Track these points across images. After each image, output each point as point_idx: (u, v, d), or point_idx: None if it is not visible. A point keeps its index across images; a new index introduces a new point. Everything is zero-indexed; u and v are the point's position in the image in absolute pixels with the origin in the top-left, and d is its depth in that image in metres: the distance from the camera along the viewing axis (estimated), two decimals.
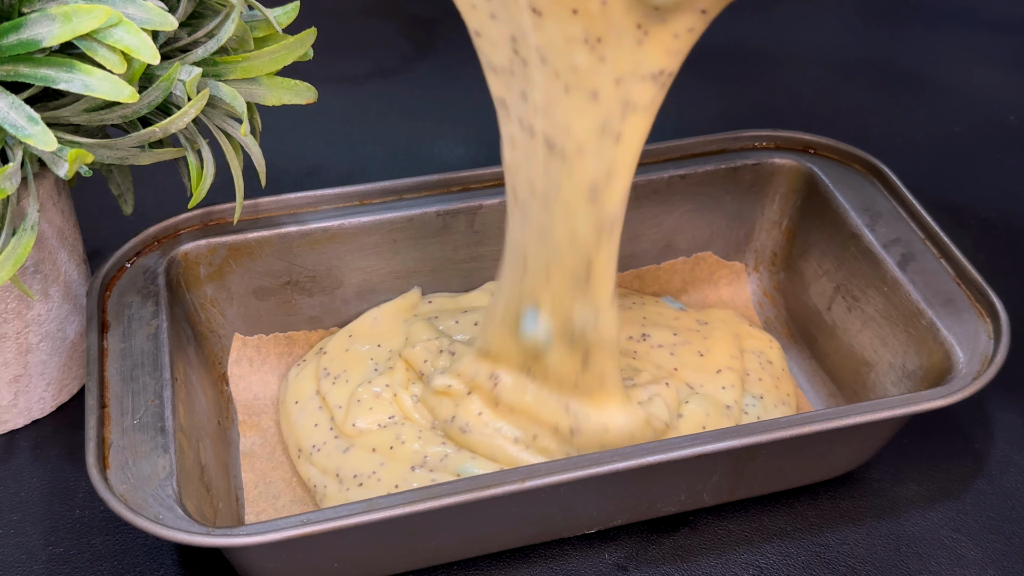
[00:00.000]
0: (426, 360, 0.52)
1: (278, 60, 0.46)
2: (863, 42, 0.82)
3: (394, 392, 0.51)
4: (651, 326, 0.55)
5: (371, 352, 0.53)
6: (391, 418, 0.50)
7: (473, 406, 0.49)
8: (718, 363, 0.53)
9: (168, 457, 0.42)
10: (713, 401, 0.51)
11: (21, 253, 0.42)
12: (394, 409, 0.50)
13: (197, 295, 0.52)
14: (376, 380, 0.51)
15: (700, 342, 0.54)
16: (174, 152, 0.46)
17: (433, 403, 0.50)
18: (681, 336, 0.55)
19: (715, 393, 0.51)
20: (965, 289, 0.50)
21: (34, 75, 0.40)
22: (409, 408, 0.50)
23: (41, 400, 0.51)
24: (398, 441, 0.49)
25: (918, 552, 0.47)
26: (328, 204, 0.53)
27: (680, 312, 0.57)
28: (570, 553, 0.47)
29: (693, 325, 0.56)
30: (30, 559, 0.46)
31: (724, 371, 0.53)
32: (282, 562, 0.42)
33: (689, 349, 0.54)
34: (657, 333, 0.55)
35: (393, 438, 0.49)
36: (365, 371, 0.52)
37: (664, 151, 0.57)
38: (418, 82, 0.76)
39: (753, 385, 0.52)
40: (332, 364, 0.53)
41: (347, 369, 0.52)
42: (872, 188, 0.55)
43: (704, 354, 0.54)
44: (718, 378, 0.52)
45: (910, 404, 0.45)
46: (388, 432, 0.49)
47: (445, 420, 0.49)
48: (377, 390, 0.51)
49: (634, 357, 0.53)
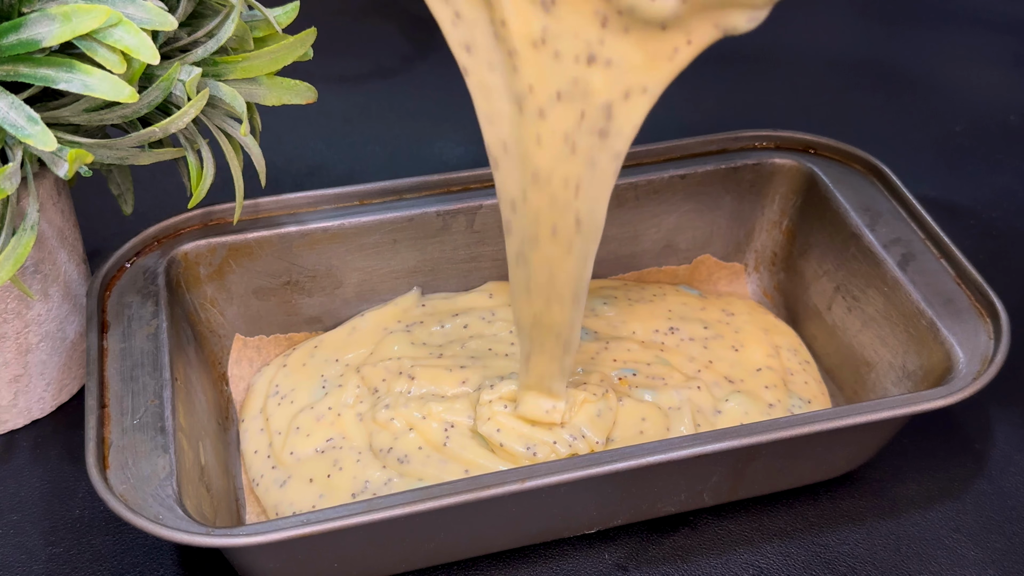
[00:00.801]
0: (384, 379, 0.51)
1: (278, 60, 0.46)
2: (863, 42, 0.82)
3: (338, 412, 0.50)
4: (678, 319, 0.55)
5: (326, 367, 0.52)
6: (329, 441, 0.49)
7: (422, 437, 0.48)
8: (756, 360, 0.53)
9: (168, 457, 0.42)
10: (755, 399, 0.51)
11: (21, 253, 0.42)
12: (334, 431, 0.49)
13: (197, 295, 0.52)
14: (320, 403, 0.51)
15: (732, 335, 0.54)
16: (174, 152, 0.46)
17: (379, 425, 0.49)
18: (712, 329, 0.55)
19: (757, 391, 0.51)
20: (965, 289, 0.50)
21: (34, 75, 0.40)
22: (351, 429, 0.49)
23: (41, 400, 0.51)
24: (335, 468, 0.48)
25: (918, 552, 0.47)
26: (328, 204, 0.53)
27: (704, 301, 0.57)
28: (570, 553, 0.47)
29: (720, 316, 0.56)
30: (30, 559, 0.46)
31: (764, 370, 0.53)
32: (282, 562, 0.42)
33: (722, 343, 0.54)
34: (686, 326, 0.55)
35: (331, 464, 0.48)
36: (312, 391, 0.51)
37: (664, 151, 0.57)
38: (418, 82, 0.76)
39: (800, 388, 0.53)
40: (285, 380, 0.52)
41: (295, 388, 0.52)
42: (872, 188, 0.55)
43: (739, 349, 0.54)
44: (759, 377, 0.52)
45: (910, 404, 0.45)
46: (326, 458, 0.48)
47: (381, 449, 0.48)
48: (319, 414, 0.50)
49: (662, 350, 0.53)
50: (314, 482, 0.47)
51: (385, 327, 0.54)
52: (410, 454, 0.48)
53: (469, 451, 0.48)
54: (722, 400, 0.51)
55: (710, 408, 0.50)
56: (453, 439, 0.48)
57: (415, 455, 0.48)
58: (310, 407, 0.51)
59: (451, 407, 0.49)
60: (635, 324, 0.55)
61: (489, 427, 0.48)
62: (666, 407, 0.50)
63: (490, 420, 0.48)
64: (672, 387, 0.51)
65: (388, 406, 0.49)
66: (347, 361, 0.53)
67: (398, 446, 0.48)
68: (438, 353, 0.53)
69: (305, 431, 0.49)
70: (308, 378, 0.52)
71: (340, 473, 0.47)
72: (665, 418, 0.49)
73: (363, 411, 0.50)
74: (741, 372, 0.52)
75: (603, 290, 0.57)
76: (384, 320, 0.55)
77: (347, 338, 0.54)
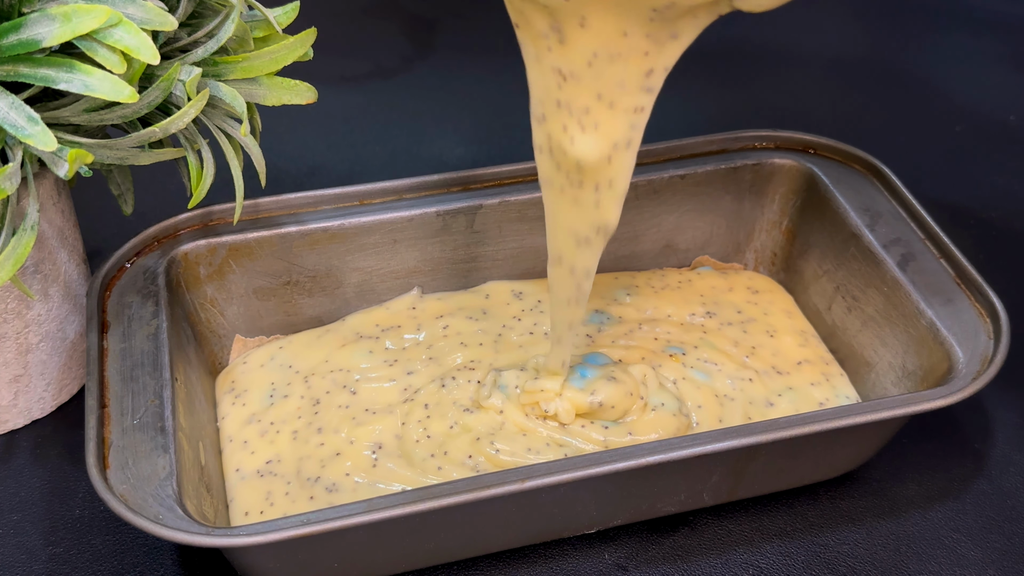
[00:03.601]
0: (328, 391, 0.51)
1: (278, 60, 0.46)
2: (863, 42, 0.82)
3: (277, 429, 0.49)
4: (712, 303, 0.56)
5: (277, 374, 0.52)
6: (268, 463, 0.48)
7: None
8: (791, 350, 0.54)
9: (168, 457, 0.42)
10: (805, 398, 0.51)
11: (21, 253, 0.42)
12: (272, 451, 0.48)
13: (197, 295, 0.52)
14: (266, 414, 0.50)
15: (763, 318, 0.56)
16: (174, 152, 0.46)
17: (308, 449, 0.48)
18: (745, 313, 0.56)
19: (804, 387, 0.52)
20: (965, 289, 0.50)
21: (34, 75, 0.40)
22: (285, 450, 0.48)
23: (41, 400, 0.51)
24: (267, 503, 0.46)
25: (918, 552, 0.47)
26: (328, 204, 0.53)
27: (728, 279, 0.58)
28: (570, 553, 0.47)
29: (749, 297, 0.57)
30: (30, 559, 0.46)
31: (804, 364, 0.53)
32: (282, 562, 0.42)
33: (757, 327, 0.55)
34: (721, 311, 0.56)
35: (263, 499, 0.47)
36: (262, 398, 0.51)
37: (664, 151, 0.57)
38: (418, 82, 0.76)
39: (842, 385, 0.53)
40: (242, 379, 0.52)
41: (248, 390, 0.51)
42: (872, 188, 0.55)
43: (773, 334, 0.55)
44: (802, 372, 0.53)
45: (910, 404, 0.45)
46: (262, 487, 0.47)
47: (309, 478, 0.47)
48: (263, 428, 0.49)
49: (704, 333, 0.54)
50: (249, 516, 0.46)
51: (359, 332, 0.54)
52: (338, 482, 0.47)
53: (398, 473, 0.47)
54: (775, 394, 0.51)
55: (762, 400, 0.51)
56: (381, 460, 0.48)
57: (343, 483, 0.47)
58: (257, 418, 0.50)
59: (377, 427, 0.49)
60: (668, 308, 0.56)
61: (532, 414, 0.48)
62: (722, 394, 0.51)
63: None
64: (726, 374, 0.52)
65: (320, 429, 0.49)
66: (298, 368, 0.52)
67: (325, 474, 0.47)
68: (394, 360, 0.52)
69: (251, 447, 0.49)
70: (260, 384, 0.51)
71: (271, 509, 0.46)
72: (720, 407, 0.50)
73: (299, 428, 0.49)
74: (785, 363, 0.53)
75: (619, 280, 0.57)
76: (362, 324, 0.54)
77: (314, 340, 0.53)
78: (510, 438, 0.48)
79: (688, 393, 0.50)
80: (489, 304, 0.55)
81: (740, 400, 0.51)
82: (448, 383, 0.50)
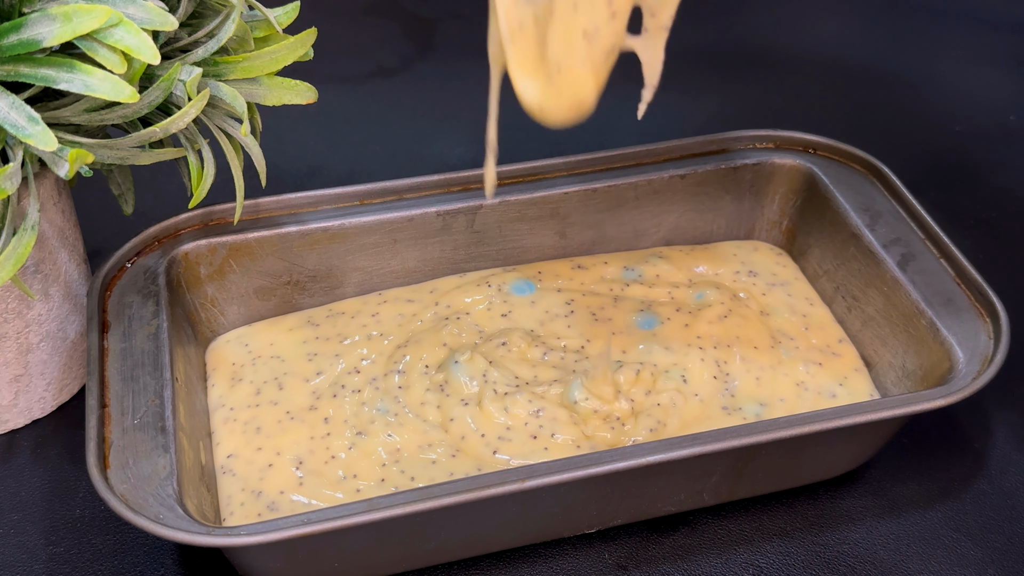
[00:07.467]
0: (266, 381, 0.50)
1: (278, 60, 0.46)
2: (863, 42, 0.82)
3: (234, 418, 0.49)
4: (750, 263, 0.57)
5: (266, 367, 0.51)
6: (229, 457, 0.48)
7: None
8: (833, 330, 0.54)
9: (168, 457, 0.42)
10: (858, 392, 0.51)
11: (21, 253, 0.42)
12: (228, 446, 0.48)
13: (197, 295, 0.52)
14: (228, 400, 0.50)
15: (796, 283, 0.56)
16: (174, 152, 0.46)
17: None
18: (779, 276, 0.56)
19: (856, 380, 0.52)
20: (965, 289, 0.50)
21: (34, 75, 0.40)
22: (232, 442, 0.48)
23: (41, 400, 0.51)
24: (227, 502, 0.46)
25: (918, 552, 0.47)
26: (328, 204, 0.53)
27: (752, 245, 0.59)
28: (570, 553, 0.47)
29: (777, 259, 0.58)
30: (30, 559, 0.46)
31: (845, 341, 0.53)
32: (282, 562, 0.42)
33: (793, 289, 0.56)
34: (761, 275, 0.57)
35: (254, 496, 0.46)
36: (229, 382, 0.51)
37: (664, 151, 0.57)
38: (418, 82, 0.76)
39: (877, 378, 0.53)
40: (254, 338, 0.52)
41: (247, 378, 0.51)
42: (872, 188, 0.55)
43: (813, 303, 0.55)
44: (841, 362, 0.53)
45: (910, 404, 0.45)
46: (252, 466, 0.47)
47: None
48: (224, 417, 0.49)
49: (761, 296, 0.55)
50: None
51: (342, 336, 0.53)
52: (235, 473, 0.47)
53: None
54: (836, 384, 0.51)
55: (827, 391, 0.51)
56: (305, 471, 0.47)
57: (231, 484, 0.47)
58: (256, 404, 0.50)
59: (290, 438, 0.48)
60: (715, 268, 0.57)
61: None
62: (796, 380, 0.51)
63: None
64: (799, 359, 0.52)
65: (251, 428, 0.49)
66: (258, 352, 0.52)
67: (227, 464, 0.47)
68: (314, 354, 0.52)
69: (216, 439, 0.48)
70: (260, 373, 0.51)
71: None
72: (800, 396, 0.51)
73: (236, 418, 0.49)
74: (834, 345, 0.53)
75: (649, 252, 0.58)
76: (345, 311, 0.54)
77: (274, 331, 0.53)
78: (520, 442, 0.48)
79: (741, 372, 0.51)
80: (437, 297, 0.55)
81: (811, 386, 0.51)
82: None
